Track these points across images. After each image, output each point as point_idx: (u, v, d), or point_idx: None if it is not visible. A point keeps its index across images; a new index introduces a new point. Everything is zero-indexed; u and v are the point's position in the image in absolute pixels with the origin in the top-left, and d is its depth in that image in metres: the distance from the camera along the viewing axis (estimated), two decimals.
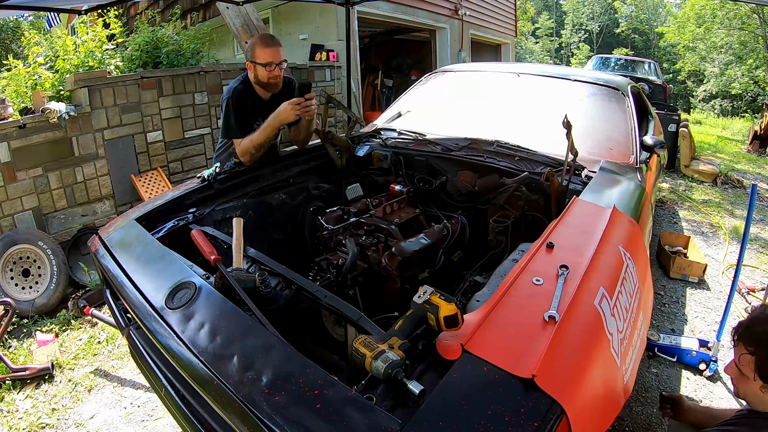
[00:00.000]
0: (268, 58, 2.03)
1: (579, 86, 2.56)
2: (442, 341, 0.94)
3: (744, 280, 3.15)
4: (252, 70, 2.10)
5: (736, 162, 7.03)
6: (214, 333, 1.06)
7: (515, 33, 12.59)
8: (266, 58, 2.03)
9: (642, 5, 30.70)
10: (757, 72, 16.33)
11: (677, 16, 20.74)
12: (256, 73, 2.09)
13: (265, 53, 2.03)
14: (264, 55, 2.03)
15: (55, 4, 3.71)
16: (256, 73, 2.09)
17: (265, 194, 2.09)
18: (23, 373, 2.28)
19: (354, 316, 1.16)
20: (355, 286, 1.66)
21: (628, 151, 2.12)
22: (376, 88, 8.71)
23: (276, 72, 2.07)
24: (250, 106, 2.14)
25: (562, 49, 34.03)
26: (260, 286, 1.29)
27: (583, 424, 0.85)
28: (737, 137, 9.96)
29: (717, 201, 5.03)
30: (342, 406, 0.82)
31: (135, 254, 1.46)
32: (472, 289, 1.34)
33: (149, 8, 7.45)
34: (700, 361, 2.26)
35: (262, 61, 2.04)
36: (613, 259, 1.25)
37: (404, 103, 2.98)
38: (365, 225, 1.86)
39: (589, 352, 0.96)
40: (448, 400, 0.81)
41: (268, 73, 2.06)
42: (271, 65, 2.05)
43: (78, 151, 3.53)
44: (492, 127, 2.36)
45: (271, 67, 2.05)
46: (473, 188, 2.09)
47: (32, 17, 13.48)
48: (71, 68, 3.84)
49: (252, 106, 2.15)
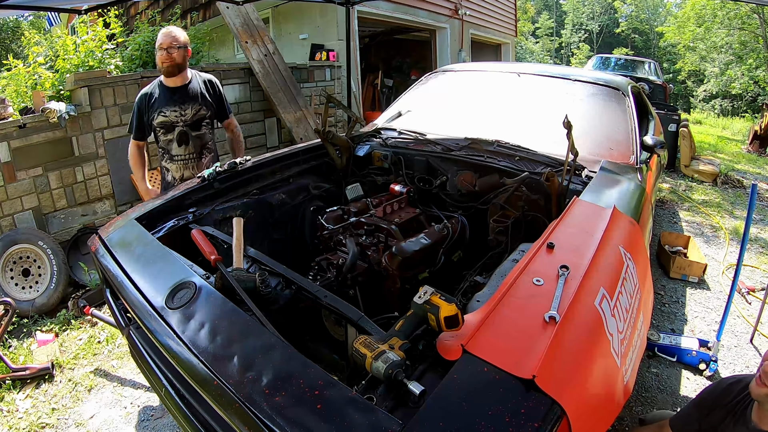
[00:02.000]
0: (160, 41, 2.24)
1: (579, 86, 2.56)
2: (442, 341, 0.94)
3: (744, 280, 3.15)
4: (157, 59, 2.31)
5: (736, 162, 7.03)
6: (214, 333, 1.06)
7: (515, 33, 12.58)
8: (159, 42, 2.24)
9: (642, 5, 30.67)
10: (757, 72, 16.32)
11: (677, 16, 20.73)
12: (157, 58, 2.29)
13: (160, 37, 2.25)
14: (159, 40, 2.25)
15: (55, 4, 3.71)
16: (157, 59, 2.29)
17: (265, 194, 2.09)
18: (23, 372, 2.28)
19: (354, 316, 1.16)
20: (355, 286, 1.66)
21: (628, 151, 2.12)
22: (376, 88, 8.71)
23: (165, 56, 2.25)
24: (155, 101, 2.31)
25: (562, 49, 34.01)
26: (260, 286, 1.29)
27: (584, 425, 0.85)
28: (737, 137, 9.96)
29: (717, 201, 5.03)
30: (342, 407, 0.82)
31: (135, 254, 1.46)
32: (473, 289, 1.34)
33: (149, 8, 7.45)
34: (700, 361, 2.26)
35: (156, 45, 2.25)
36: (613, 260, 1.25)
37: (404, 102, 2.98)
38: (365, 225, 1.86)
39: (589, 353, 0.96)
40: (449, 401, 0.81)
41: (161, 57, 2.25)
42: (162, 48, 2.24)
43: (78, 151, 3.53)
44: (492, 127, 2.35)
45: (161, 51, 2.24)
46: (473, 188, 2.09)
47: (32, 17, 13.48)
48: (71, 68, 3.84)
49: (158, 99, 2.31)
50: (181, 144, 2.33)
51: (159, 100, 2.29)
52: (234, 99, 4.78)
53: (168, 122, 2.30)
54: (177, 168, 2.37)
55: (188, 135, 2.33)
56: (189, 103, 2.32)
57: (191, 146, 2.35)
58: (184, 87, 2.33)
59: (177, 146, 2.33)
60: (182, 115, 2.30)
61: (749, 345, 2.50)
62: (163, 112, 2.28)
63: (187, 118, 2.31)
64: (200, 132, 2.36)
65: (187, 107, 2.31)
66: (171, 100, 2.29)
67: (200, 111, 2.34)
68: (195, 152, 2.38)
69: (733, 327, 2.67)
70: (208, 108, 2.37)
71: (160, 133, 2.33)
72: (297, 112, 5.08)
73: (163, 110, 2.28)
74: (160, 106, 2.28)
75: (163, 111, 2.28)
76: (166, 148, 2.36)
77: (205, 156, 2.42)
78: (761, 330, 2.57)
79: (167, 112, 2.28)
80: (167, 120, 2.29)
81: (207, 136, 2.40)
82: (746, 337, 2.56)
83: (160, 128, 2.31)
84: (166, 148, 2.36)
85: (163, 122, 2.29)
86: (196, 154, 2.38)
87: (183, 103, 2.31)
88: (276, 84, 4.98)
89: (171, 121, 2.30)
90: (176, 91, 2.31)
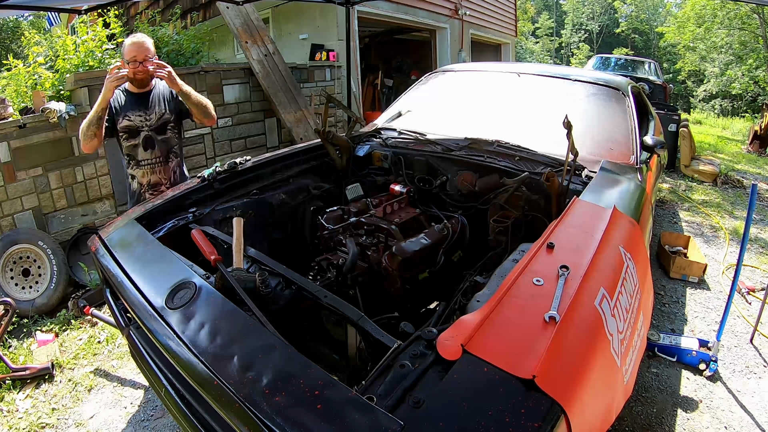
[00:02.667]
0: (131, 54, 2.19)
1: (579, 86, 2.56)
2: (442, 342, 0.94)
3: (744, 280, 3.15)
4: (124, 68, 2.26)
5: (736, 162, 7.03)
6: (214, 333, 1.06)
7: (515, 33, 12.58)
8: (130, 55, 2.19)
9: (642, 5, 30.66)
10: (757, 72, 16.31)
11: (677, 16, 20.72)
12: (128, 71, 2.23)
13: (129, 51, 2.20)
14: (128, 53, 2.20)
15: (55, 4, 3.72)
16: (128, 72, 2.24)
17: (265, 194, 2.09)
18: (23, 372, 2.28)
19: (354, 316, 1.16)
20: (355, 286, 1.66)
21: (628, 151, 2.12)
22: (376, 88, 8.70)
23: (139, 68, 2.21)
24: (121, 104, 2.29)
25: (562, 49, 34.00)
26: (260, 286, 1.29)
27: (584, 425, 0.85)
28: (737, 137, 9.96)
29: (717, 201, 5.03)
30: (342, 407, 0.82)
31: (135, 254, 1.46)
32: (473, 290, 1.34)
33: (149, 8, 7.45)
34: (700, 361, 2.26)
35: (127, 57, 2.20)
36: (613, 260, 1.25)
37: (404, 102, 2.98)
38: (365, 225, 1.86)
39: (589, 353, 0.96)
40: (449, 401, 0.81)
41: (132, 69, 2.20)
42: (134, 62, 2.19)
43: (78, 151, 3.53)
44: (492, 127, 2.35)
45: (134, 64, 2.20)
46: (473, 188, 2.09)
47: (32, 17, 13.47)
48: (71, 68, 3.83)
49: (123, 104, 2.29)
50: (147, 148, 2.33)
51: (123, 105, 2.29)
52: (234, 99, 4.78)
53: (132, 127, 2.29)
54: (143, 173, 2.35)
55: (154, 139, 2.33)
56: (154, 107, 2.32)
57: (157, 150, 2.34)
58: (148, 92, 2.33)
59: (143, 151, 2.33)
60: (147, 119, 2.30)
61: (749, 345, 2.50)
62: (127, 116, 2.27)
63: (152, 123, 2.31)
64: (166, 136, 2.36)
65: (152, 112, 2.31)
66: (136, 105, 2.29)
67: (164, 115, 2.34)
68: (161, 156, 2.37)
69: (733, 327, 2.67)
70: (172, 112, 2.38)
71: (124, 138, 2.31)
72: (297, 112, 5.08)
73: (128, 114, 2.27)
74: (124, 111, 2.28)
75: (127, 115, 2.27)
76: (132, 154, 2.34)
77: (172, 160, 2.41)
78: (761, 330, 2.57)
79: (132, 116, 2.27)
80: (132, 124, 2.28)
81: (173, 140, 2.40)
82: (746, 337, 2.56)
83: (123, 133, 2.30)
84: (132, 154, 2.34)
85: (127, 126, 2.28)
86: (163, 158, 2.37)
87: (147, 108, 2.30)
88: (276, 84, 4.98)
89: (136, 125, 2.29)
90: (141, 96, 2.31)
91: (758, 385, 2.20)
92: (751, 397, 2.12)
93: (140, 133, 2.31)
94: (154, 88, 2.35)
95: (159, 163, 2.36)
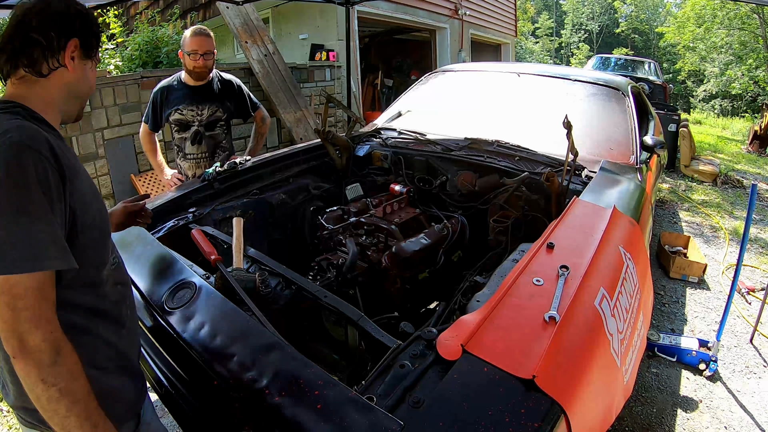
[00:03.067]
0: (193, 46, 2.19)
1: (579, 86, 2.56)
2: (442, 342, 0.94)
3: (744, 280, 3.15)
4: (183, 59, 2.26)
5: (736, 162, 7.03)
6: (214, 333, 1.06)
7: (515, 33, 12.59)
8: (191, 47, 2.19)
9: (642, 5, 30.66)
10: (757, 72, 16.31)
11: (677, 16, 20.70)
12: (185, 61, 2.24)
13: (192, 42, 2.19)
14: (191, 44, 2.19)
15: None
16: (185, 62, 2.25)
17: (265, 194, 2.09)
18: None
19: (354, 316, 1.16)
20: (355, 286, 1.66)
21: (628, 151, 2.12)
22: (376, 88, 8.71)
23: (200, 61, 2.22)
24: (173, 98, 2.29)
25: (562, 49, 34.00)
26: (260, 286, 1.29)
27: (584, 425, 0.85)
28: (737, 137, 9.96)
29: (717, 201, 5.03)
30: (342, 407, 0.82)
31: (135, 254, 1.46)
32: (472, 289, 1.34)
33: (149, 8, 7.45)
34: (700, 361, 2.26)
35: (188, 49, 2.20)
36: (613, 260, 1.25)
37: (404, 102, 2.98)
38: (365, 225, 1.86)
39: (589, 353, 0.96)
40: (449, 401, 0.81)
41: (193, 61, 2.21)
42: (195, 54, 2.19)
43: (78, 151, 3.53)
44: (492, 127, 2.36)
45: (195, 56, 2.20)
46: (473, 188, 2.09)
47: None
48: None
49: (177, 96, 2.30)
50: (195, 143, 2.33)
51: (177, 97, 2.28)
52: None
53: (184, 120, 2.29)
54: (189, 166, 2.37)
55: (202, 135, 2.33)
56: (206, 103, 2.31)
57: (204, 146, 2.35)
58: (203, 87, 2.31)
59: (190, 145, 2.33)
60: (198, 115, 2.30)
61: (749, 345, 2.50)
62: (179, 110, 2.27)
63: (202, 119, 2.31)
64: (214, 132, 2.37)
65: (204, 108, 2.31)
66: (189, 99, 2.28)
67: (216, 113, 2.34)
68: (208, 152, 2.38)
69: (733, 327, 2.67)
70: (225, 110, 2.37)
71: (175, 130, 2.33)
72: (297, 112, 5.08)
73: (180, 108, 2.27)
74: (177, 104, 2.28)
75: (179, 109, 2.27)
76: (180, 146, 2.37)
77: (218, 155, 2.42)
78: (761, 330, 2.57)
79: (184, 110, 2.27)
80: (183, 118, 2.28)
81: (220, 136, 2.41)
82: (746, 337, 2.57)
83: (175, 125, 2.31)
84: (180, 146, 2.37)
85: (178, 120, 2.29)
86: (209, 153, 2.39)
87: (201, 103, 2.30)
88: (276, 84, 4.98)
89: (187, 120, 2.29)
90: (196, 90, 2.30)
91: (758, 385, 2.20)
92: (751, 397, 2.12)
93: (191, 128, 2.31)
94: (210, 83, 2.33)
95: (204, 158, 2.36)
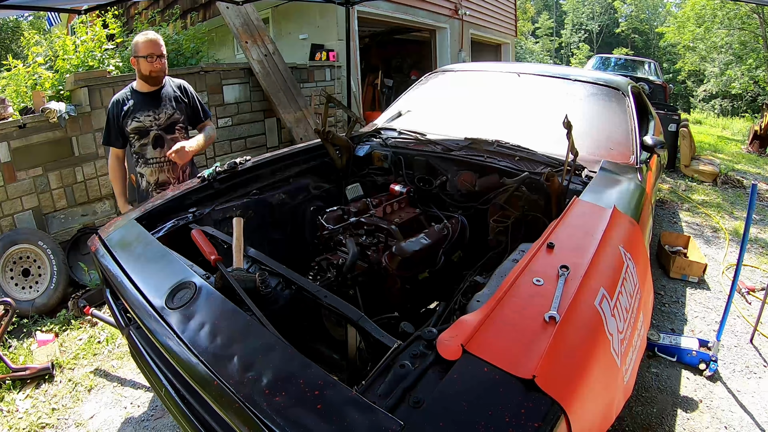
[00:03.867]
0: (149, 50, 2.18)
1: (579, 86, 2.56)
2: (442, 342, 0.94)
3: (744, 280, 3.15)
4: (136, 65, 2.24)
5: (736, 162, 7.03)
6: (214, 333, 1.06)
7: (515, 33, 12.58)
8: (147, 50, 2.18)
9: (642, 5, 30.66)
10: (757, 72, 16.31)
11: (677, 16, 20.70)
12: (140, 66, 2.23)
13: (147, 46, 2.18)
14: (146, 48, 2.18)
15: (55, 4, 3.71)
16: (139, 67, 2.23)
17: (265, 194, 2.09)
18: (23, 372, 2.28)
19: (354, 316, 1.16)
20: (355, 286, 1.66)
21: (628, 151, 2.12)
22: (376, 88, 8.70)
23: (158, 64, 2.22)
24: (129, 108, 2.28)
25: (562, 49, 34.00)
26: (260, 286, 1.29)
27: (584, 425, 0.85)
28: (737, 137, 9.96)
29: (717, 201, 5.03)
30: (342, 407, 0.82)
31: (135, 254, 1.46)
32: (472, 289, 1.34)
33: (149, 8, 7.45)
34: (700, 360, 2.26)
35: (144, 53, 2.18)
36: (613, 260, 1.25)
37: (404, 102, 2.98)
38: (365, 225, 1.86)
39: (589, 353, 0.96)
40: (449, 401, 0.81)
41: (150, 65, 2.20)
42: (152, 57, 2.19)
43: (78, 151, 3.53)
44: (492, 127, 2.35)
45: (152, 58, 2.19)
46: (473, 188, 2.09)
47: (32, 17, 13.48)
48: (71, 68, 3.84)
49: (132, 106, 2.29)
50: (156, 147, 2.33)
51: (132, 106, 2.28)
52: (234, 99, 4.78)
53: (142, 127, 2.29)
54: (152, 172, 2.36)
55: (163, 138, 2.33)
56: (162, 107, 2.32)
57: (166, 149, 2.34)
58: (157, 92, 2.32)
59: (152, 149, 2.33)
60: (156, 119, 2.30)
61: (749, 345, 2.50)
62: (137, 118, 2.27)
63: (161, 122, 2.32)
64: (174, 136, 2.37)
65: (161, 111, 2.31)
66: (145, 106, 2.29)
67: (174, 115, 2.35)
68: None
69: (733, 327, 2.67)
70: (182, 112, 2.39)
71: (134, 139, 2.32)
72: (297, 112, 5.08)
73: (137, 116, 2.27)
74: (134, 113, 2.27)
75: (137, 117, 2.27)
76: (141, 153, 2.35)
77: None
78: (761, 330, 2.57)
79: (141, 117, 2.27)
80: (141, 125, 2.28)
81: (181, 139, 2.41)
82: (746, 337, 2.56)
83: (134, 134, 2.30)
84: (141, 153, 2.35)
85: (137, 128, 2.28)
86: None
87: (157, 108, 2.31)
88: (276, 84, 4.98)
89: (145, 126, 2.29)
90: (150, 96, 2.31)
91: (758, 385, 2.20)
92: (751, 397, 2.12)
93: (150, 132, 2.31)
94: (164, 88, 2.35)
95: (167, 162, 2.36)
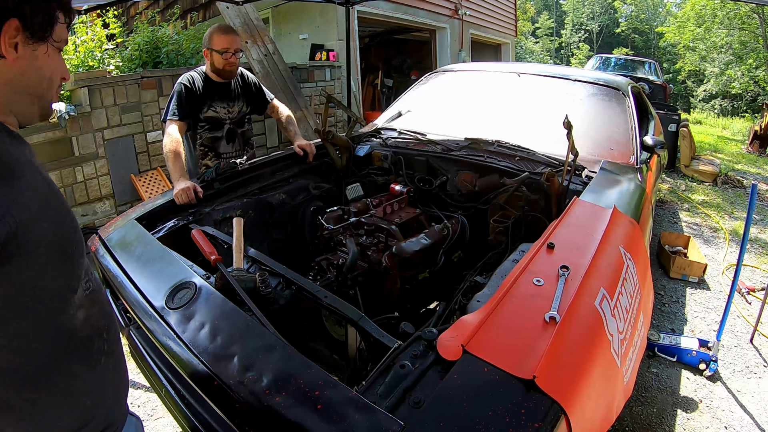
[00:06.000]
0: (224, 44, 2.12)
1: (579, 86, 2.56)
2: (443, 342, 0.94)
3: (744, 280, 3.15)
4: (208, 57, 2.18)
5: (736, 162, 7.03)
6: (214, 333, 1.06)
7: (515, 33, 12.58)
8: (223, 45, 2.11)
9: (642, 5, 30.66)
10: (757, 72, 16.32)
11: (677, 16, 20.71)
12: (213, 60, 2.16)
13: (223, 40, 2.12)
14: (222, 42, 2.12)
15: None
16: (212, 60, 2.17)
17: (265, 194, 2.09)
18: None
19: (354, 316, 1.16)
20: (355, 286, 1.66)
21: (628, 151, 2.12)
22: (376, 88, 8.71)
23: (233, 59, 2.15)
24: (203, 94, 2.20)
25: (562, 49, 34.00)
26: (261, 286, 1.29)
27: (584, 425, 0.85)
28: (737, 137, 9.96)
29: (717, 201, 5.03)
30: (343, 407, 0.82)
31: (135, 254, 1.46)
32: (473, 290, 1.34)
33: (149, 8, 7.45)
34: (700, 361, 2.26)
35: (219, 47, 2.11)
36: (613, 260, 1.25)
37: (404, 102, 2.98)
38: (365, 225, 1.86)
39: (589, 353, 0.96)
40: (449, 401, 0.81)
41: (224, 60, 2.14)
42: (227, 52, 2.12)
43: (78, 151, 3.53)
44: (492, 127, 2.36)
45: (227, 54, 2.13)
46: (473, 188, 2.09)
47: None
48: (71, 68, 3.84)
49: (206, 92, 2.21)
50: (230, 141, 2.31)
51: (207, 93, 2.20)
52: None
53: (217, 118, 2.23)
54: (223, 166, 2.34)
55: (236, 132, 2.31)
56: (235, 99, 2.28)
57: (237, 143, 2.33)
58: (229, 83, 2.26)
59: (226, 143, 2.29)
60: (230, 112, 2.26)
61: (749, 345, 2.50)
62: (213, 107, 2.20)
63: (234, 115, 2.28)
64: (244, 128, 2.35)
65: (234, 104, 2.28)
66: (220, 96, 2.22)
67: (243, 108, 2.32)
68: (241, 149, 2.37)
69: (733, 327, 2.67)
70: (249, 103, 2.35)
71: (205, 129, 2.24)
72: (297, 112, 5.07)
73: (214, 105, 2.20)
74: (210, 100, 2.20)
75: (213, 106, 2.20)
76: (212, 146, 2.29)
77: (248, 152, 2.40)
78: (761, 330, 2.57)
79: (217, 107, 2.21)
80: (217, 116, 2.22)
81: (249, 132, 2.40)
82: (746, 337, 2.56)
83: (206, 123, 2.23)
84: (212, 146, 2.29)
85: (212, 117, 2.21)
86: (242, 151, 2.38)
87: (231, 100, 2.26)
88: (276, 84, 4.98)
89: (220, 117, 2.23)
90: (224, 87, 2.25)
91: (758, 385, 2.20)
92: (751, 397, 2.12)
93: (223, 126, 2.27)
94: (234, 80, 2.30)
95: (238, 156, 2.33)
